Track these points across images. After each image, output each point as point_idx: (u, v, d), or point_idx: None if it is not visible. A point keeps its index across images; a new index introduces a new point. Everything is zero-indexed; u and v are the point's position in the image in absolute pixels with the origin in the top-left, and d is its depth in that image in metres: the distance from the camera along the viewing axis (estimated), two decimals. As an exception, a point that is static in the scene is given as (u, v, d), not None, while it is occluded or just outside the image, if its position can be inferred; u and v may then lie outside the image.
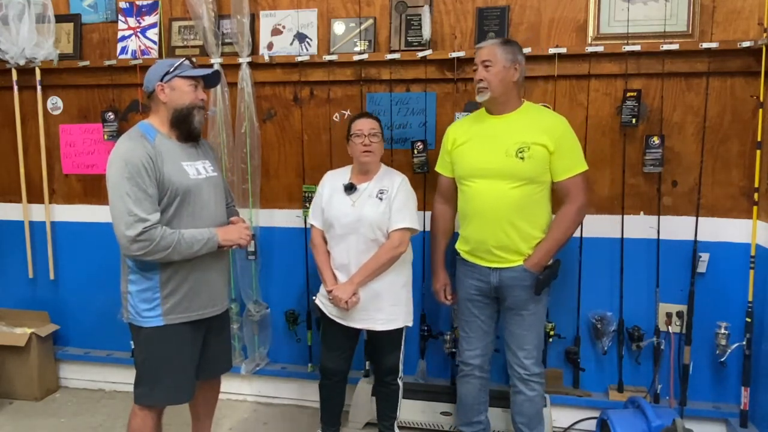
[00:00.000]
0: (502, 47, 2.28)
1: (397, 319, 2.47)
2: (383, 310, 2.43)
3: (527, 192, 2.28)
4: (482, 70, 2.28)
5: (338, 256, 2.46)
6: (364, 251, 2.40)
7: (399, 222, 2.39)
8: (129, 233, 1.97)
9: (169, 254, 2.02)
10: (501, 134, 2.31)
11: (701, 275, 2.69)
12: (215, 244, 2.12)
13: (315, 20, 2.93)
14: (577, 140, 2.34)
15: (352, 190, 2.45)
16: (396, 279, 2.45)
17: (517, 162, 2.25)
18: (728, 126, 2.62)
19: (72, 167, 3.29)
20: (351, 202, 2.43)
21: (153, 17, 3.10)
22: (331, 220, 2.45)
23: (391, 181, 2.45)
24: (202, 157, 2.23)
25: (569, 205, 2.31)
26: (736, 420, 2.64)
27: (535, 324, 2.39)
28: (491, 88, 2.27)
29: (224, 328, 2.38)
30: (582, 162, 2.32)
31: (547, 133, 2.26)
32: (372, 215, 2.39)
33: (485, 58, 2.28)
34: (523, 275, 2.32)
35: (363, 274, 2.39)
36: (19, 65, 3.14)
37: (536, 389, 2.40)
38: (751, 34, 2.53)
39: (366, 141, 2.41)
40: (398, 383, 2.60)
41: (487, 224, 2.32)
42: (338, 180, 2.51)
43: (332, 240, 2.48)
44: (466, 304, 2.48)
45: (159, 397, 2.17)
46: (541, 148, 2.25)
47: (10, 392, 3.26)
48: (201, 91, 2.17)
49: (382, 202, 2.41)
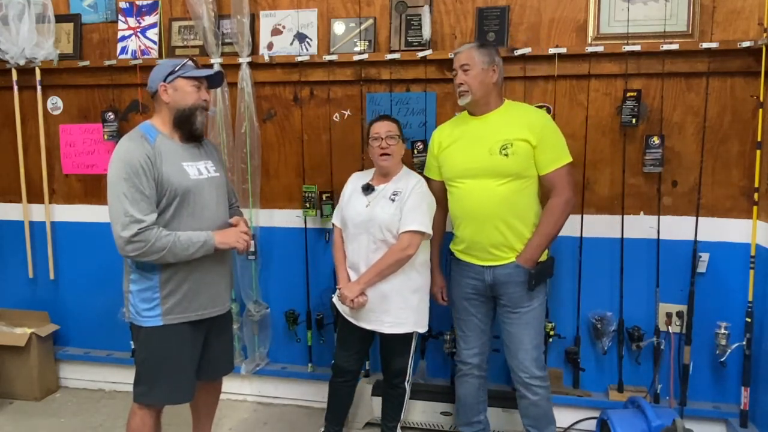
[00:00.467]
0: (478, 50, 2.32)
1: (405, 324, 2.45)
2: (390, 313, 2.43)
3: (514, 188, 2.30)
4: (461, 74, 2.32)
5: (350, 255, 2.49)
6: (374, 251, 2.41)
7: (408, 224, 2.38)
8: (124, 234, 1.97)
9: (164, 256, 2.02)
10: (484, 134, 2.34)
11: (701, 275, 2.69)
12: (212, 247, 2.11)
13: (315, 20, 2.93)
14: (560, 133, 2.35)
15: (370, 190, 2.47)
16: (406, 283, 2.43)
17: (501, 159, 2.28)
18: (728, 126, 2.62)
19: (72, 167, 3.30)
20: (366, 203, 2.45)
21: (153, 17, 3.10)
22: (346, 219, 2.49)
23: (407, 183, 2.45)
24: (205, 158, 2.23)
25: (556, 197, 2.31)
26: (736, 420, 2.64)
27: (532, 322, 2.38)
28: (471, 91, 2.31)
29: (226, 328, 2.38)
30: (566, 154, 2.33)
31: (528, 128, 2.28)
32: (382, 216, 2.39)
33: (463, 62, 2.32)
34: (516, 271, 2.32)
35: (370, 275, 2.40)
36: (19, 65, 3.14)
37: (539, 393, 2.39)
38: (751, 34, 2.53)
39: (383, 144, 2.42)
40: (405, 387, 2.59)
41: (478, 223, 2.34)
42: (361, 181, 2.54)
43: (346, 239, 2.52)
44: (462, 303, 2.49)
45: (158, 396, 2.17)
46: (524, 143, 2.28)
47: (10, 392, 3.26)
48: (204, 91, 2.17)
49: (394, 203, 2.41)
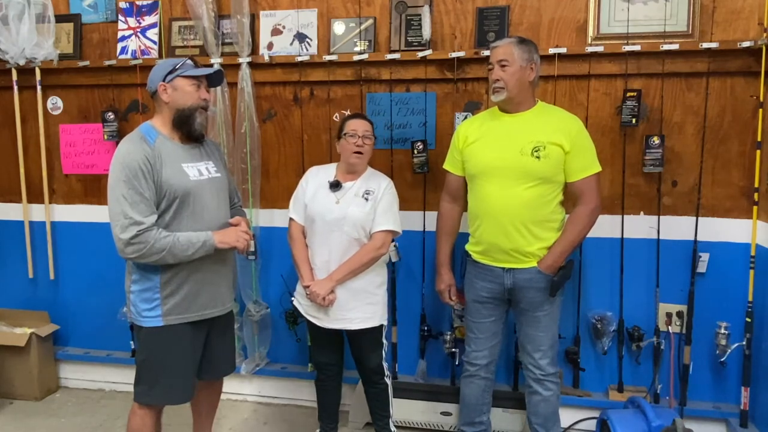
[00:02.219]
0: (518, 46, 2.26)
1: (374, 318, 2.46)
2: (359, 309, 2.43)
3: (540, 192, 2.26)
4: (498, 70, 2.25)
5: (319, 252, 2.45)
6: (345, 249, 2.41)
7: (383, 224, 2.40)
8: (123, 236, 1.98)
9: (163, 257, 2.02)
10: (515, 133, 2.28)
11: (701, 275, 2.69)
12: (212, 247, 2.11)
13: (315, 20, 2.93)
14: (592, 141, 2.32)
15: (338, 187, 2.45)
16: (374, 279, 2.46)
17: (532, 161, 2.23)
18: (728, 126, 2.62)
19: (72, 167, 3.29)
20: (335, 200, 2.43)
21: (153, 17, 3.10)
22: (313, 215, 2.45)
23: (378, 183, 2.46)
24: (206, 158, 2.23)
25: (583, 206, 2.29)
26: (736, 420, 2.64)
27: (550, 325, 2.37)
28: (507, 88, 2.25)
29: (227, 328, 2.38)
30: (596, 163, 2.30)
31: (563, 133, 2.24)
32: (357, 214, 2.39)
33: (502, 58, 2.25)
34: (537, 277, 2.30)
35: (343, 272, 2.39)
36: (19, 65, 3.14)
37: (551, 389, 2.38)
38: (751, 34, 2.53)
39: (359, 142, 2.41)
40: (386, 381, 2.58)
41: (499, 224, 2.29)
42: (323, 176, 2.50)
43: (313, 236, 2.47)
44: (475, 306, 2.45)
45: (157, 396, 2.17)
46: (557, 148, 2.23)
47: (10, 392, 3.26)
48: (204, 90, 2.16)
49: (368, 202, 2.41)
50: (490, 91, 2.31)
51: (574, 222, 2.29)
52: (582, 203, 2.29)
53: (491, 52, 2.32)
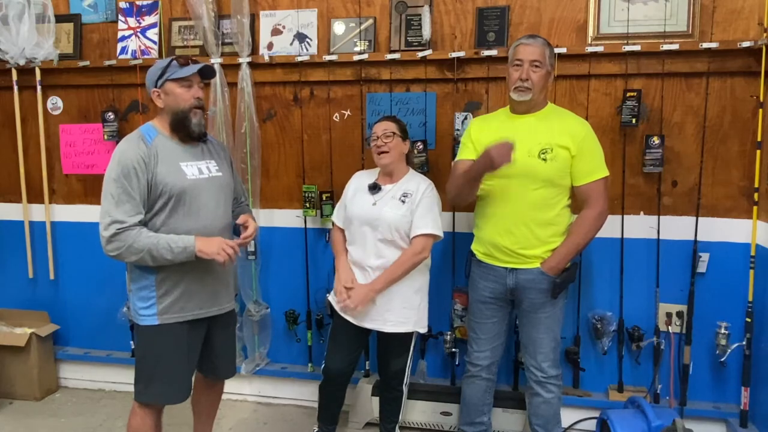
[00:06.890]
0: (549, 49, 2.26)
1: (407, 323, 2.45)
2: (394, 312, 2.42)
3: (545, 195, 2.26)
4: (529, 70, 2.22)
5: (354, 252, 2.48)
6: (380, 250, 2.41)
7: (422, 228, 2.38)
8: (104, 233, 2.02)
9: (142, 257, 2.02)
10: (524, 134, 2.26)
11: (701, 275, 2.69)
12: (192, 254, 2.05)
13: (315, 20, 2.93)
14: (599, 145, 2.31)
15: (377, 189, 2.47)
16: (410, 283, 2.44)
17: (539, 163, 2.23)
18: (728, 126, 2.62)
19: (72, 167, 3.29)
20: (373, 201, 2.45)
21: (153, 17, 3.10)
22: (351, 216, 2.48)
23: (417, 185, 2.45)
24: (208, 157, 2.22)
25: (589, 209, 2.28)
26: (736, 420, 2.64)
27: (552, 326, 2.37)
28: (534, 90, 2.23)
29: (228, 328, 2.37)
30: (603, 167, 2.29)
31: (569, 136, 2.24)
32: (391, 216, 2.39)
33: (536, 58, 2.22)
34: (540, 278, 2.30)
35: (384, 281, 2.38)
36: (19, 65, 3.14)
37: (553, 391, 2.39)
38: (751, 34, 2.53)
39: (379, 142, 2.42)
40: (402, 390, 2.59)
41: (504, 225, 2.30)
42: (365, 180, 2.54)
43: (350, 236, 2.51)
44: (478, 306, 2.46)
45: (154, 394, 2.17)
46: (564, 151, 2.23)
47: (10, 392, 3.26)
48: (196, 88, 2.13)
49: (404, 205, 2.41)
50: (511, 88, 2.26)
51: (580, 225, 2.29)
52: (588, 207, 2.28)
53: (519, 48, 2.26)
